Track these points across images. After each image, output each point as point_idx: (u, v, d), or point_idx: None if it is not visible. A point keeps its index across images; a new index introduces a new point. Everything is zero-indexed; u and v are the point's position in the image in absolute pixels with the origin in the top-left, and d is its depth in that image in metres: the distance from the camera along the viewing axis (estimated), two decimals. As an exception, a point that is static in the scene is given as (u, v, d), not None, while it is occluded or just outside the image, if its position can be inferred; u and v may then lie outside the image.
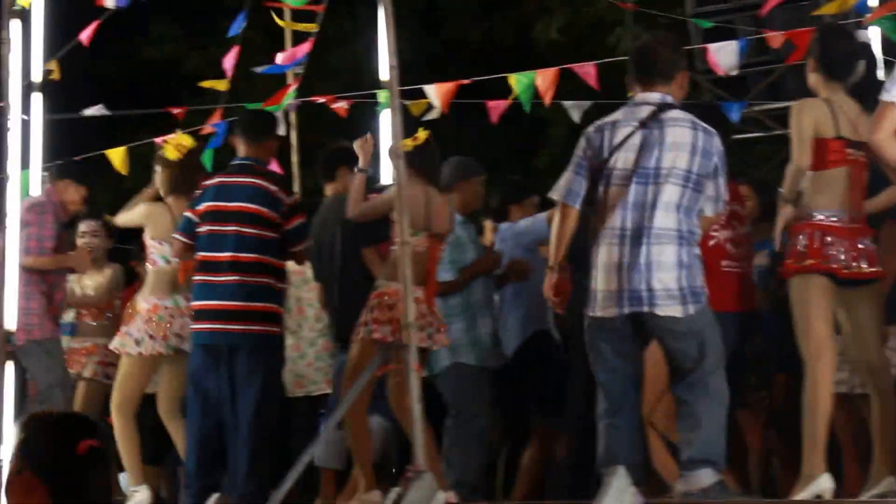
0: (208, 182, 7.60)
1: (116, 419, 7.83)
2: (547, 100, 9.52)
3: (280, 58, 9.47)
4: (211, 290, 7.34)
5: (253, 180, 7.45)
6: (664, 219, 6.10)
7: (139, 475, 7.90)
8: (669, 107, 6.22)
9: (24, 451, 3.70)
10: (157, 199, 8.20)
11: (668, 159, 6.12)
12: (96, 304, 8.99)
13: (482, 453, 7.88)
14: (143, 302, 7.90)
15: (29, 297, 7.83)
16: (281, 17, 9.58)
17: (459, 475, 7.54)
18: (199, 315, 7.40)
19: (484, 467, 7.96)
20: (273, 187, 7.46)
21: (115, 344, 7.97)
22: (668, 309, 6.09)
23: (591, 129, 6.35)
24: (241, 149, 7.62)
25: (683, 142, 6.14)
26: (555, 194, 6.56)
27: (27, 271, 7.82)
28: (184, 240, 7.52)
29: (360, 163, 7.41)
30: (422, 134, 7.47)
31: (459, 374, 7.84)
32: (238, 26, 9.58)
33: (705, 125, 6.25)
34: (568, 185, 6.31)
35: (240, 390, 7.28)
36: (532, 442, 8.25)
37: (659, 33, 6.57)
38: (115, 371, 8.43)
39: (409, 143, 7.27)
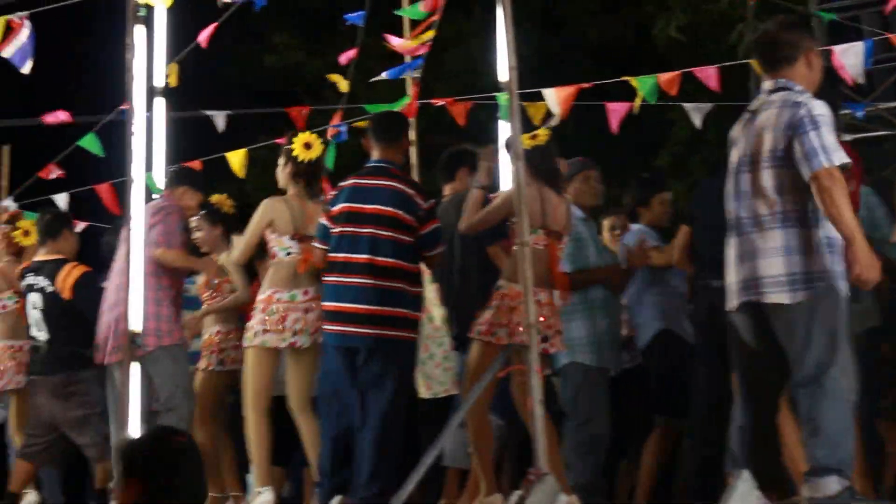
0: (343, 183, 7.61)
1: (250, 415, 7.83)
2: (673, 92, 9.47)
3: (398, 46, 9.42)
4: (345, 291, 7.34)
5: (390, 183, 7.44)
6: (765, 204, 5.97)
7: (266, 476, 7.90)
8: (780, 90, 6.13)
9: (124, 461, 4.14)
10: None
11: (756, 144, 6.03)
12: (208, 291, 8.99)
13: (599, 454, 7.83)
14: (261, 292, 7.94)
15: (159, 302, 7.90)
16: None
17: (576, 477, 7.50)
18: (333, 316, 7.38)
19: (602, 468, 7.90)
20: (410, 191, 7.44)
21: (244, 341, 8.00)
22: (774, 296, 5.92)
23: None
24: (376, 151, 7.62)
25: (768, 124, 6.01)
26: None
27: (157, 276, 7.89)
28: (323, 247, 7.53)
29: (481, 178, 7.39)
30: (542, 133, 7.45)
31: (577, 374, 7.82)
32: (357, 18, 9.60)
33: (796, 98, 6.02)
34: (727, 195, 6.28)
35: (370, 394, 7.27)
36: (653, 441, 8.18)
37: (780, 19, 6.43)
38: (229, 359, 8.52)
39: (528, 142, 7.25)
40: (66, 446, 8.74)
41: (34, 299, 8.52)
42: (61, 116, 10.36)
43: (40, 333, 8.48)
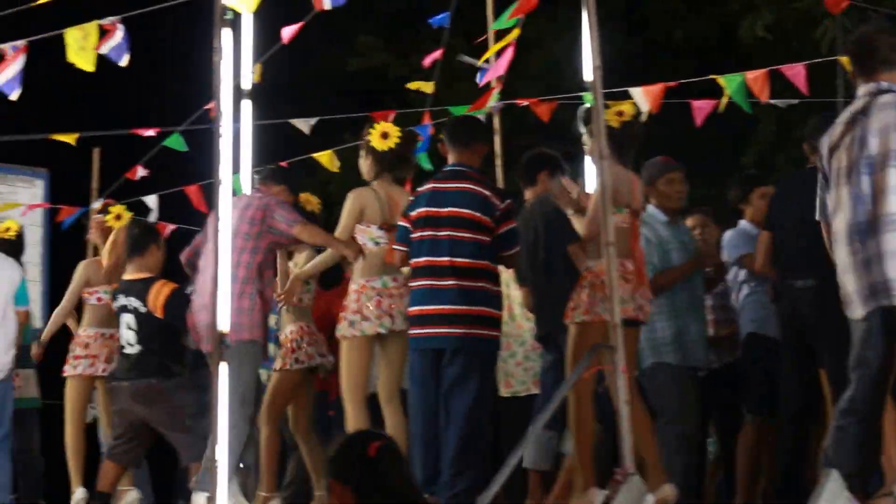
0: (421, 189, 7.69)
1: (348, 406, 7.85)
2: (763, 98, 9.39)
3: (490, 68, 9.49)
4: (430, 294, 7.42)
5: (466, 185, 7.51)
6: (890, 205, 5.91)
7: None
8: (884, 92, 6.07)
9: (330, 467, 4.40)
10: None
11: (879, 144, 5.96)
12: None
13: (690, 454, 7.81)
14: (353, 283, 7.98)
15: (241, 296, 7.95)
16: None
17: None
18: (419, 320, 7.46)
19: (691, 467, 7.87)
20: (486, 192, 7.50)
21: (338, 331, 8.03)
22: None
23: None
24: (452, 155, 7.70)
25: (889, 123, 5.97)
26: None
27: (248, 269, 7.94)
28: (404, 249, 7.62)
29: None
30: (627, 110, 7.41)
31: (662, 374, 7.80)
32: (441, 20, 9.63)
33: None
34: (820, 203, 6.25)
35: (455, 393, 7.31)
36: (745, 439, 8.13)
37: (876, 22, 6.38)
38: (304, 356, 8.57)
39: (614, 118, 7.22)
40: (152, 447, 8.82)
41: (128, 320, 8.59)
42: (149, 132, 10.58)
43: (132, 349, 8.56)
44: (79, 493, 9.44)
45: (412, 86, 9.94)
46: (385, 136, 8.04)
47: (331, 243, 8.17)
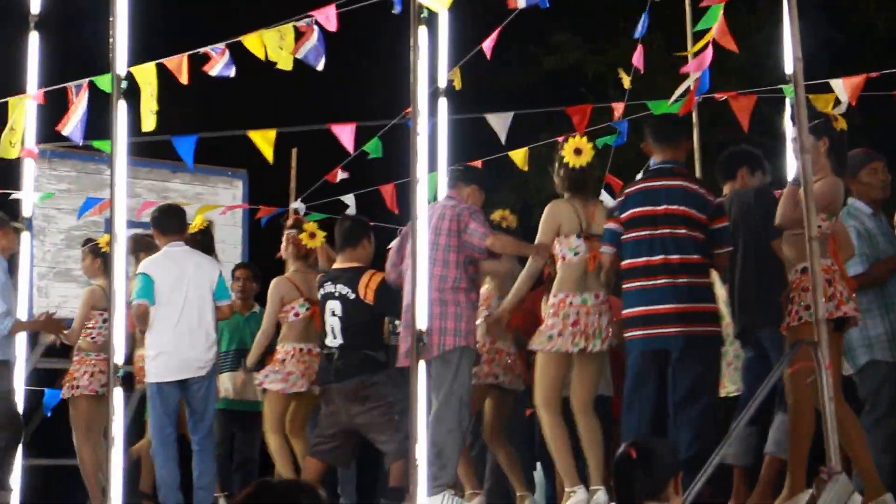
0: (629, 189, 7.70)
1: (544, 416, 7.83)
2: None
3: (691, 67, 9.38)
4: (644, 295, 7.43)
5: (679, 182, 7.52)
6: None
7: (573, 475, 7.82)
8: None
9: None
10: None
11: None
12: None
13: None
14: (553, 297, 7.95)
15: (451, 304, 7.94)
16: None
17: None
18: (640, 321, 7.46)
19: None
20: (699, 189, 7.52)
21: (534, 344, 8.01)
22: None
23: None
24: (658, 153, 7.71)
25: None
26: None
27: (451, 280, 7.95)
28: (613, 251, 7.64)
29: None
30: (841, 120, 7.27)
31: (875, 371, 7.62)
32: (642, 28, 9.58)
33: None
34: None
35: (686, 395, 7.31)
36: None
37: None
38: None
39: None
40: (356, 448, 8.89)
41: (333, 306, 8.64)
42: (347, 129, 10.65)
43: (335, 341, 8.61)
44: None
45: (621, 74, 9.82)
46: (578, 152, 8.00)
47: (523, 250, 8.24)
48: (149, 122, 8.19)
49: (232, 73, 8.42)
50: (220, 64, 8.43)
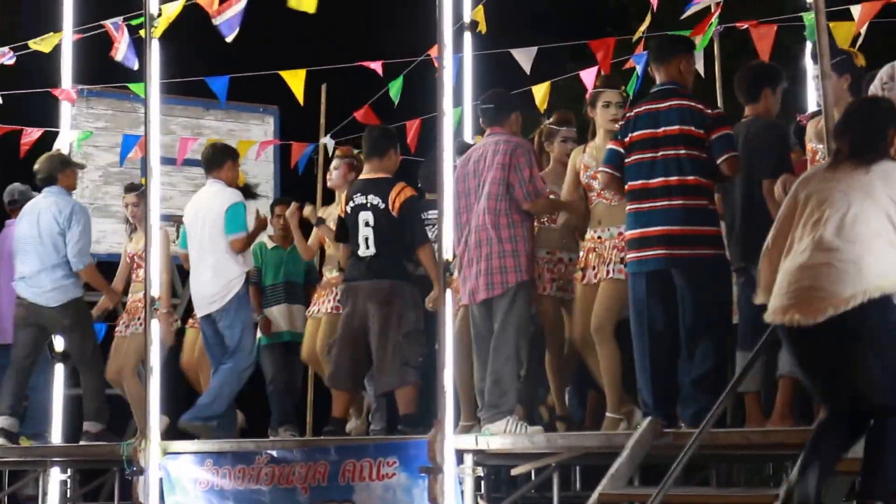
0: (631, 112, 7.61)
1: (598, 345, 7.86)
2: None
3: None
4: (645, 217, 7.33)
5: (676, 102, 7.39)
6: None
7: (617, 401, 7.85)
8: None
9: None
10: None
11: None
12: None
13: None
14: (589, 232, 8.10)
15: (507, 241, 8.00)
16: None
17: None
18: (637, 243, 7.38)
19: None
20: (696, 104, 7.35)
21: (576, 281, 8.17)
22: None
23: None
24: (658, 75, 7.60)
25: None
26: None
27: (505, 216, 7.99)
28: (611, 171, 7.56)
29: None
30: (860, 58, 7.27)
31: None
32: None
33: None
34: None
35: (691, 315, 7.23)
36: None
37: None
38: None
39: None
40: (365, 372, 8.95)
41: (366, 217, 8.64)
42: (373, 66, 10.80)
43: (368, 251, 8.62)
44: (351, 423, 9.62)
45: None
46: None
47: (558, 210, 8.34)
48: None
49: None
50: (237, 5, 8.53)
